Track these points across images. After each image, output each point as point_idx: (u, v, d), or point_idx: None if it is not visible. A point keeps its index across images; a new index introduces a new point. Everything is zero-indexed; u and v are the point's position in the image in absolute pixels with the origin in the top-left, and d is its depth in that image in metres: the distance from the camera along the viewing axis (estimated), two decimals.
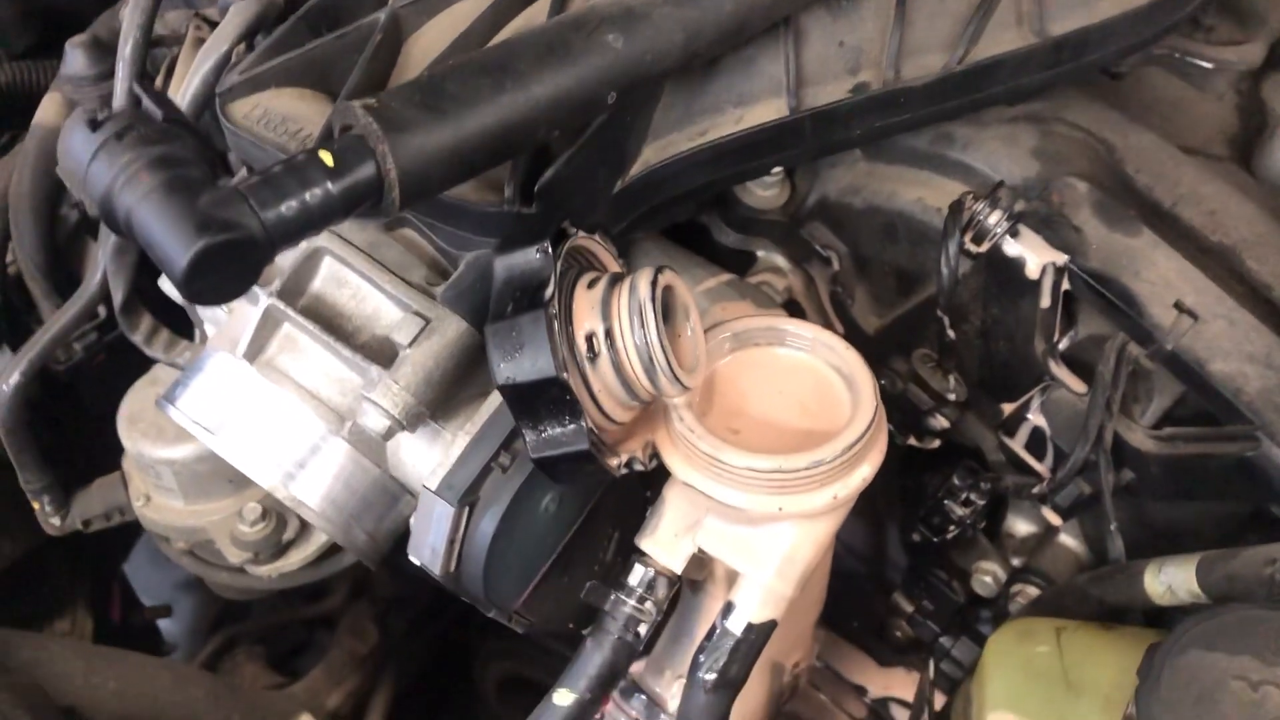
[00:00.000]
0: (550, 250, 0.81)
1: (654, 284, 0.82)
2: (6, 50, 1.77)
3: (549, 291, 0.79)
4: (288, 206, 0.72)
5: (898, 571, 1.32)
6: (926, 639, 1.21)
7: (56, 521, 1.55)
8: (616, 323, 0.81)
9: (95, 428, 1.78)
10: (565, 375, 0.78)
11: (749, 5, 0.87)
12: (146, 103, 0.79)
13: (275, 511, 1.38)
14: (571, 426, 0.79)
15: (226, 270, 0.71)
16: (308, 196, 0.73)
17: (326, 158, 0.74)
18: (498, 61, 0.80)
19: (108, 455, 1.61)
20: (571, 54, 0.81)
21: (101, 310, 1.46)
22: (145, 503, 1.50)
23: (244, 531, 1.43)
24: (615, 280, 0.84)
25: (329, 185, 0.73)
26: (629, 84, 0.85)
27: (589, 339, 0.82)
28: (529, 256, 0.81)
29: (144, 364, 1.45)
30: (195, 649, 2.35)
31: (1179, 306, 0.94)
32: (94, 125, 0.75)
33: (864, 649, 1.29)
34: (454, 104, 0.78)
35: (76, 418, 1.79)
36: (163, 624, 2.39)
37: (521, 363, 0.79)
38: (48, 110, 1.56)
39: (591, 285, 0.84)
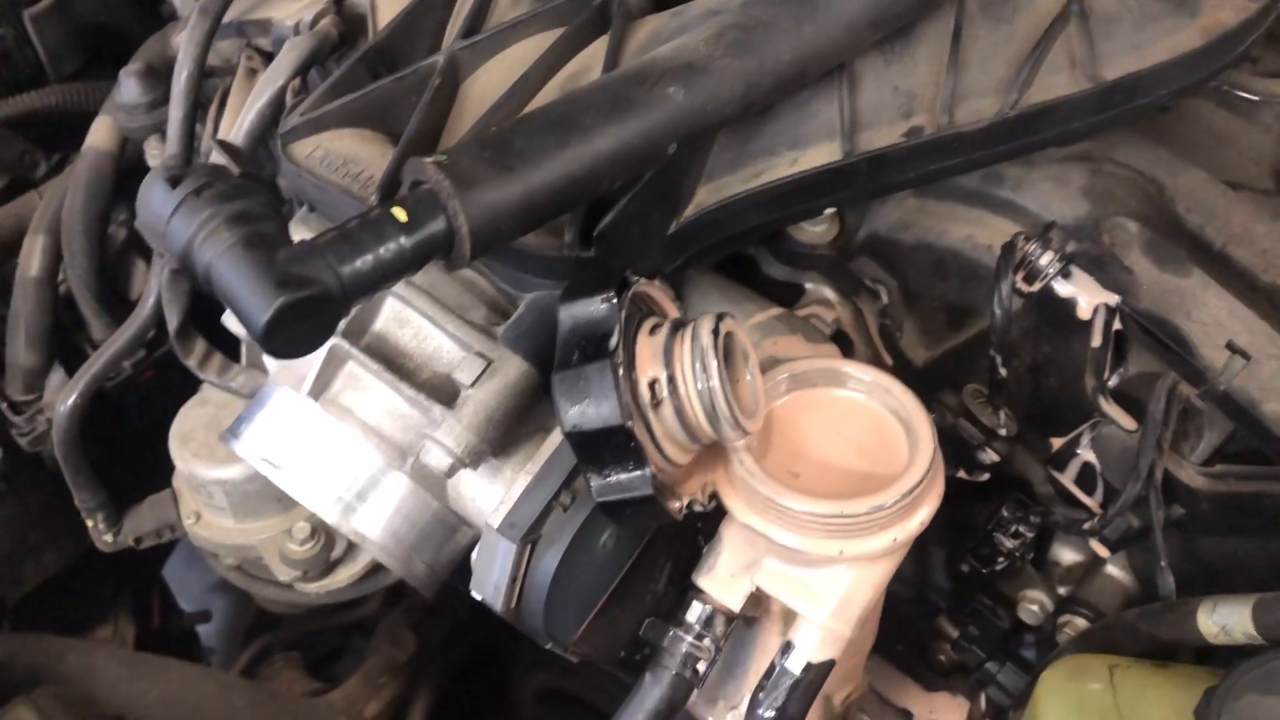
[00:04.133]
0: (614, 300, 0.82)
1: (715, 331, 0.83)
2: (56, 71, 1.80)
3: (614, 341, 0.81)
4: (363, 261, 0.74)
5: (941, 595, 1.33)
6: (972, 664, 1.22)
7: (109, 539, 1.57)
8: (679, 370, 0.83)
9: (141, 441, 1.82)
10: (630, 423, 0.80)
11: (807, 55, 0.88)
12: (221, 155, 0.82)
13: (323, 530, 1.40)
14: (636, 473, 0.81)
15: (305, 324, 0.73)
16: (382, 251, 0.75)
17: (400, 214, 0.76)
18: (562, 117, 0.82)
19: (154, 468, 1.64)
20: (634, 108, 0.83)
21: None
22: (196, 520, 1.53)
23: (293, 550, 1.45)
24: (677, 327, 0.85)
25: (402, 240, 0.75)
26: (689, 135, 0.86)
27: (652, 385, 0.83)
28: (594, 306, 0.83)
29: (190, 380, 1.48)
30: (231, 651, 2.38)
31: (1231, 347, 0.95)
32: (174, 182, 0.77)
33: (908, 673, 1.30)
34: (521, 160, 0.79)
35: (123, 431, 1.82)
36: (199, 626, 2.42)
37: (588, 411, 0.80)
38: (99, 134, 1.58)
39: (654, 332, 0.86)
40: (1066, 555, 1.17)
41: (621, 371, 0.80)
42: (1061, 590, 1.17)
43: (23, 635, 1.77)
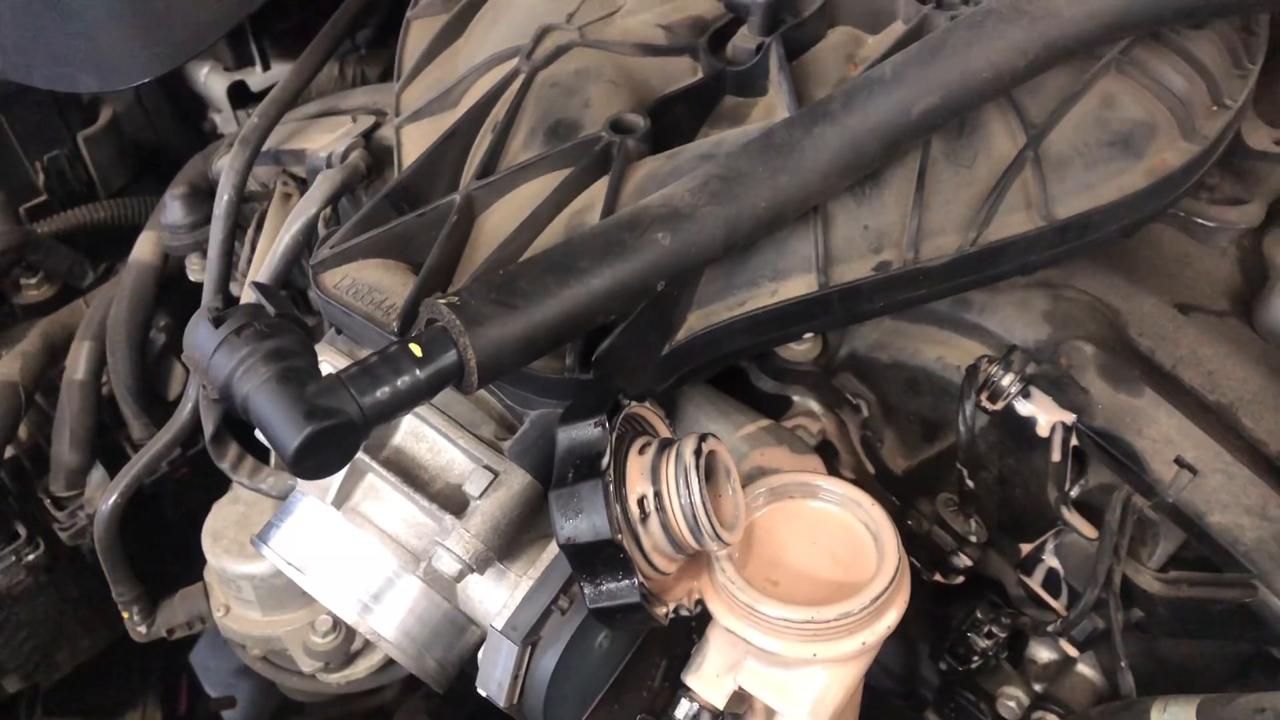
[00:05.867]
0: (607, 424, 0.91)
1: (698, 451, 0.92)
2: (105, 186, 1.94)
3: (605, 461, 0.90)
4: (382, 392, 0.84)
5: (929, 689, 1.39)
6: None
7: (143, 630, 1.66)
8: (665, 487, 0.92)
9: (175, 531, 1.91)
10: (620, 537, 0.88)
11: (782, 202, 0.98)
12: (259, 297, 0.92)
13: (344, 624, 1.48)
14: (625, 582, 0.89)
15: (330, 450, 0.83)
16: (399, 383, 0.85)
17: (415, 349, 0.86)
18: (562, 259, 0.92)
19: (185, 557, 1.73)
20: (626, 252, 0.93)
21: None
22: (225, 613, 1.61)
23: (316, 642, 1.53)
24: (664, 446, 0.94)
25: (417, 372, 0.85)
26: (676, 274, 0.96)
27: (641, 501, 0.92)
28: (588, 430, 0.92)
29: (222, 476, 1.58)
30: None
31: (1179, 462, 1.03)
32: (217, 322, 0.87)
33: None
34: (525, 299, 0.89)
35: (157, 522, 1.92)
36: (224, 712, 2.48)
37: (580, 525, 0.89)
38: (143, 248, 1.71)
39: (643, 451, 0.95)
40: (1042, 654, 1.24)
41: (612, 489, 0.89)
42: (1037, 687, 1.23)
43: None
